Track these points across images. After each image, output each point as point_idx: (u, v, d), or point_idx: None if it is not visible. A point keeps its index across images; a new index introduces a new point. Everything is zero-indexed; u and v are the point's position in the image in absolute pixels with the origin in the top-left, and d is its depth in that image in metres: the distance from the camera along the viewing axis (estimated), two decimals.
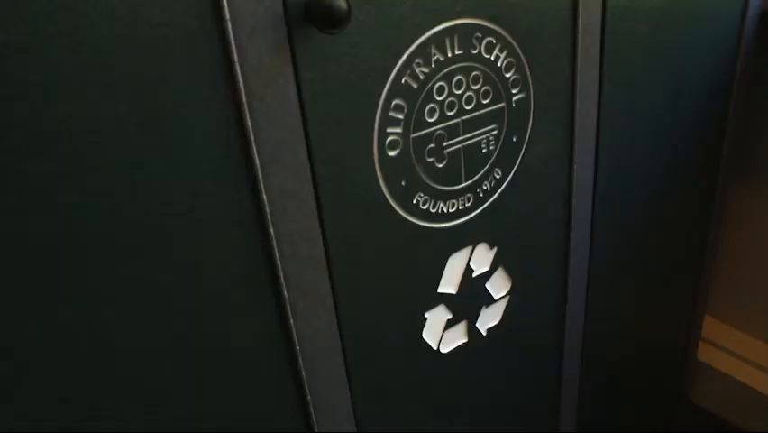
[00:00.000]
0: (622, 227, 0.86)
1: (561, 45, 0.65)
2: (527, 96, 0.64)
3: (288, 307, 0.53)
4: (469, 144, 0.61)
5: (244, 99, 0.45)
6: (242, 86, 0.45)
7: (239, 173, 0.47)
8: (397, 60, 0.53)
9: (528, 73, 0.63)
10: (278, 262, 0.51)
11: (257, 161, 0.47)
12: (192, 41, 0.42)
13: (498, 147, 0.64)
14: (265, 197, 0.48)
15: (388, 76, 0.52)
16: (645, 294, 0.99)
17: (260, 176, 0.48)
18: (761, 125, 1.05)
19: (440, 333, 0.69)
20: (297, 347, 0.55)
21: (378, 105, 0.53)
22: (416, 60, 0.54)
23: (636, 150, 0.81)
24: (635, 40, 0.72)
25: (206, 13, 0.42)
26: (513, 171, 0.67)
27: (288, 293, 0.53)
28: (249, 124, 0.46)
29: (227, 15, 0.43)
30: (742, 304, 1.21)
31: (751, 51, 0.92)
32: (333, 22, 0.45)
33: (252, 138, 0.47)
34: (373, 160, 0.54)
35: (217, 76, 0.44)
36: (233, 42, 0.43)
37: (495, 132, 0.63)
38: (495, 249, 0.70)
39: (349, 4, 0.45)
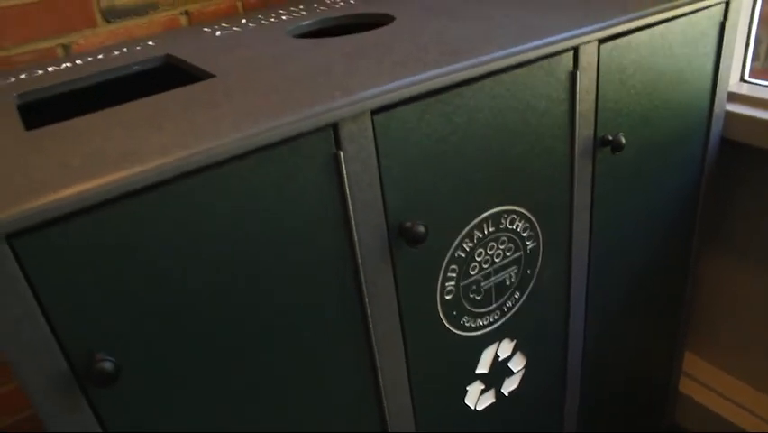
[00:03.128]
0: (611, 298, 1.16)
1: (562, 209, 0.94)
2: (538, 244, 0.94)
3: (383, 388, 0.85)
4: (498, 282, 0.91)
5: (364, 284, 0.76)
6: (362, 276, 0.76)
7: (356, 328, 0.78)
8: (452, 243, 0.83)
9: (539, 230, 0.93)
10: (378, 362, 0.83)
11: (370, 319, 0.79)
12: (329, 256, 0.73)
13: (518, 279, 0.94)
14: (374, 338, 0.80)
15: (446, 255, 0.83)
16: (633, 340, 1.29)
17: (371, 323, 0.79)
18: (722, 214, 1.33)
19: (476, 398, 1.00)
20: (387, 418, 0.87)
21: (440, 271, 0.84)
22: (465, 241, 0.84)
23: (623, 248, 1.10)
24: (618, 186, 1.01)
25: (340, 243, 0.73)
26: (528, 292, 0.97)
27: (384, 392, 0.84)
28: (366, 300, 0.77)
29: (356, 238, 0.74)
30: (718, 344, 1.50)
31: (714, 165, 1.21)
32: (416, 240, 0.76)
33: (368, 302, 0.78)
34: (437, 303, 0.86)
35: (347, 273, 0.75)
36: (358, 254, 0.74)
37: (515, 270, 0.93)
38: (515, 341, 1.01)
39: (427, 230, 0.76)
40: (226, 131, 0.61)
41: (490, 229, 0.87)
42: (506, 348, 1.00)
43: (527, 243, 0.93)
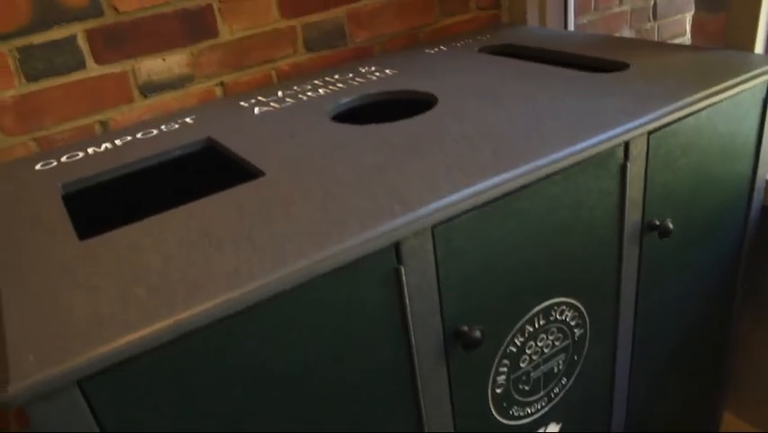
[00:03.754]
0: (654, 365, 1.14)
1: (609, 295, 0.93)
2: (585, 331, 0.93)
3: None
4: (546, 371, 0.90)
5: (419, 384, 0.75)
6: (418, 378, 0.75)
7: (410, 424, 0.77)
8: (504, 340, 0.82)
9: (586, 317, 0.92)
10: None
11: (424, 417, 0.77)
12: (388, 362, 0.72)
13: (565, 366, 0.93)
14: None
15: (498, 351, 0.82)
16: (673, 402, 1.27)
17: (425, 419, 0.78)
18: (762, 276, 1.32)
19: None
20: None
21: (492, 368, 0.82)
22: (516, 336, 0.83)
23: (666, 317, 1.09)
24: (663, 265, 1.00)
25: (398, 349, 0.72)
26: (574, 376, 0.96)
27: None
28: (421, 399, 0.76)
29: (413, 343, 0.73)
30: (757, 404, 1.48)
31: (755, 231, 1.19)
32: (473, 345, 0.75)
33: (422, 401, 0.76)
34: (488, 397, 0.84)
35: (403, 375, 0.74)
36: (415, 358, 0.73)
37: (563, 358, 0.92)
38: (560, 424, 0.99)
39: (483, 334, 0.75)
40: (291, 256, 0.60)
41: (541, 322, 0.86)
42: (552, 429, 0.98)
43: (575, 330, 0.91)
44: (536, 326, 0.85)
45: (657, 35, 1.87)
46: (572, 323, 0.90)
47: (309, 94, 1.11)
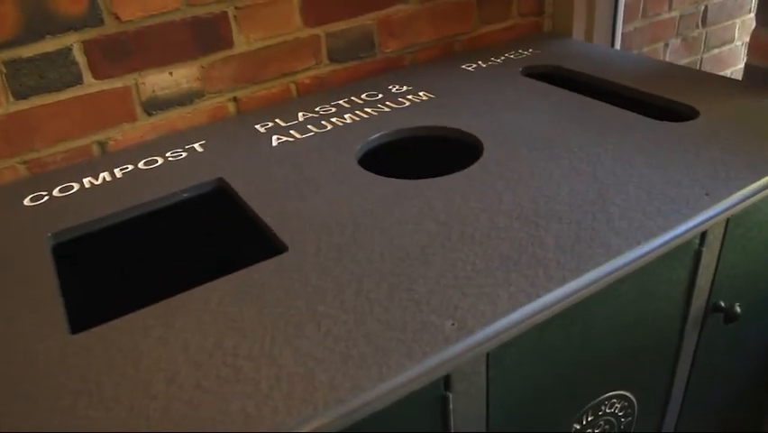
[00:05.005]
0: None
1: (662, 382, 0.84)
2: (633, 418, 0.84)
3: None
4: None
5: None
6: None
7: None
8: None
9: (636, 406, 0.82)
10: None
11: None
12: None
13: None
14: None
15: None
16: None
17: None
18: None
19: None
20: None
21: None
22: None
23: (712, 392, 0.99)
24: (720, 347, 0.90)
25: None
26: None
27: None
28: None
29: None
30: None
31: None
32: None
33: None
34: None
35: None
36: None
37: None
38: None
39: None
40: (322, 396, 0.50)
41: (589, 419, 0.76)
42: None
43: (622, 420, 0.82)
44: (584, 422, 0.76)
45: (704, 43, 1.73)
46: (621, 414, 0.81)
47: (334, 120, 0.99)
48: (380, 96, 1.07)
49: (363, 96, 1.08)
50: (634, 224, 0.67)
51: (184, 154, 0.93)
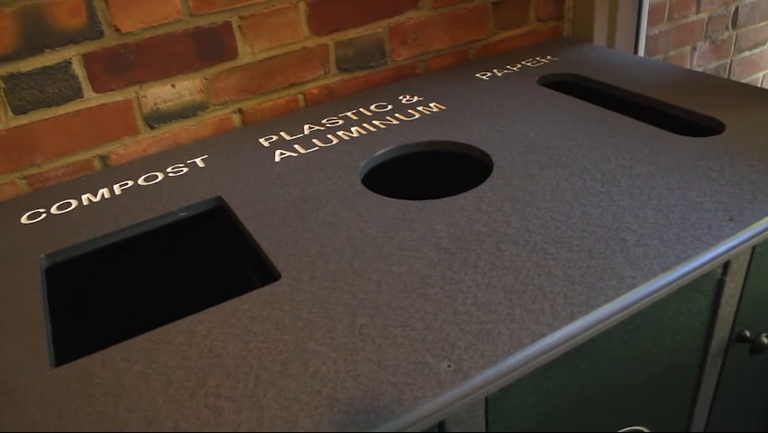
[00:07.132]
0: None
1: (681, 417, 0.79)
2: None
3: None
4: None
5: None
6: None
7: None
8: None
9: None
10: None
11: None
12: None
13: None
14: None
15: None
16: None
17: None
18: None
19: None
20: None
21: None
22: None
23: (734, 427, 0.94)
24: (743, 376, 0.85)
25: None
26: None
27: None
28: None
29: None
30: None
31: None
32: None
33: None
34: None
35: None
36: None
37: None
38: None
39: None
40: None
41: None
42: None
43: None
44: None
45: (734, 46, 1.65)
46: None
47: (340, 134, 0.96)
48: (390, 107, 1.03)
49: (372, 107, 1.04)
50: (650, 252, 0.63)
51: (185, 170, 0.91)
